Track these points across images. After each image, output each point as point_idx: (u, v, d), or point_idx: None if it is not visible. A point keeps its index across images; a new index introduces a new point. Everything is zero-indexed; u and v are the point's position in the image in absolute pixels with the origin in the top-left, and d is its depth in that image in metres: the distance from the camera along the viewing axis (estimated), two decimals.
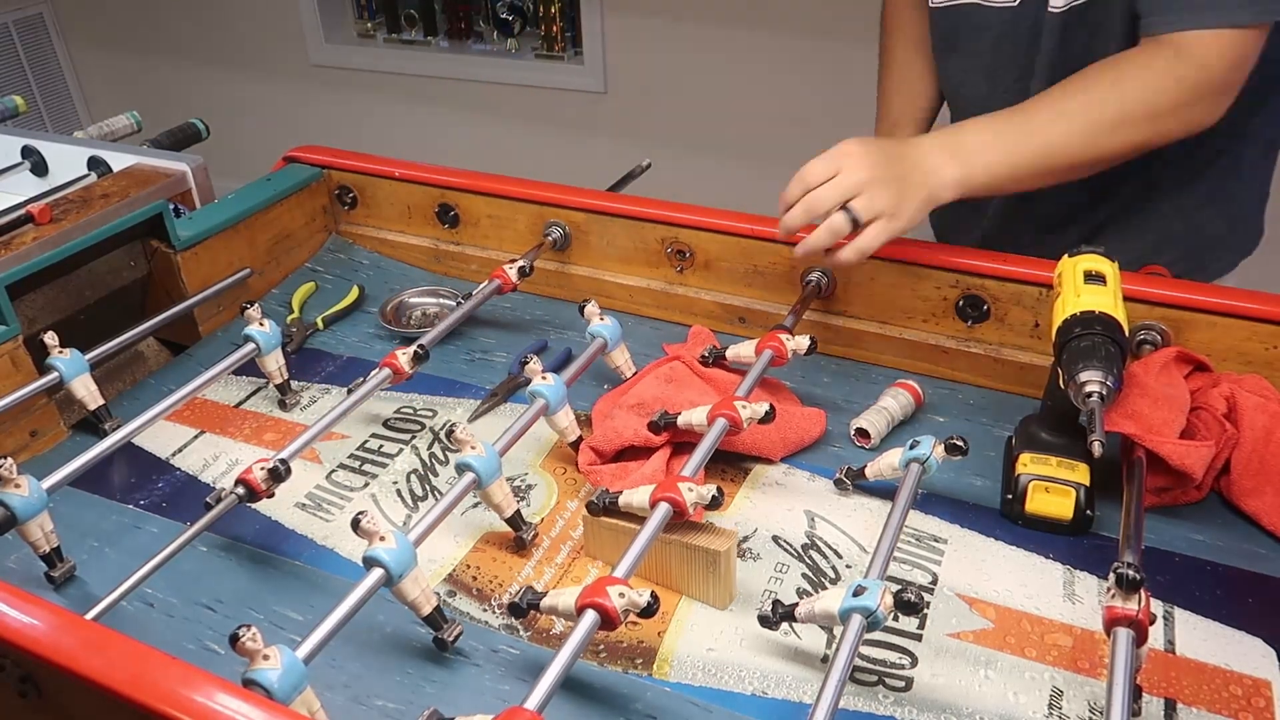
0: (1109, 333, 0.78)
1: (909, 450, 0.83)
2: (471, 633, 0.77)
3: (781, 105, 2.72)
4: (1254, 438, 0.85)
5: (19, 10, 3.49)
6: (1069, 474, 0.84)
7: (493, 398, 1.05)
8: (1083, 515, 0.83)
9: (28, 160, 1.41)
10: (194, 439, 1.01)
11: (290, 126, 3.47)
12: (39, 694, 0.66)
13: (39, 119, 3.59)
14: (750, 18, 2.64)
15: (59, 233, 1.05)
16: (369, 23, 3.29)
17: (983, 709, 0.70)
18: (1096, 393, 0.74)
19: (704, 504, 0.75)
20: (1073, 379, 0.76)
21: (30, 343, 0.98)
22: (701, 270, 1.15)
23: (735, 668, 0.74)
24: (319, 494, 0.93)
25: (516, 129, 3.15)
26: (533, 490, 0.93)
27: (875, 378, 1.06)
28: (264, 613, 0.80)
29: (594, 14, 2.83)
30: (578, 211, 1.18)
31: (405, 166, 1.28)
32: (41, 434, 1.00)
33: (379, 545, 0.70)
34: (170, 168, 1.24)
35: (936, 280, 1.03)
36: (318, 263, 1.32)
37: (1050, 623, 0.76)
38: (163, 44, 3.60)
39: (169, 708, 0.56)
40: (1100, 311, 0.79)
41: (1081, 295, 0.81)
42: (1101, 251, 0.86)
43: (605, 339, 1.01)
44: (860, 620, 0.66)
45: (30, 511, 0.78)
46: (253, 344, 1.01)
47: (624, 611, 0.66)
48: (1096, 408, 0.74)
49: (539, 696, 0.61)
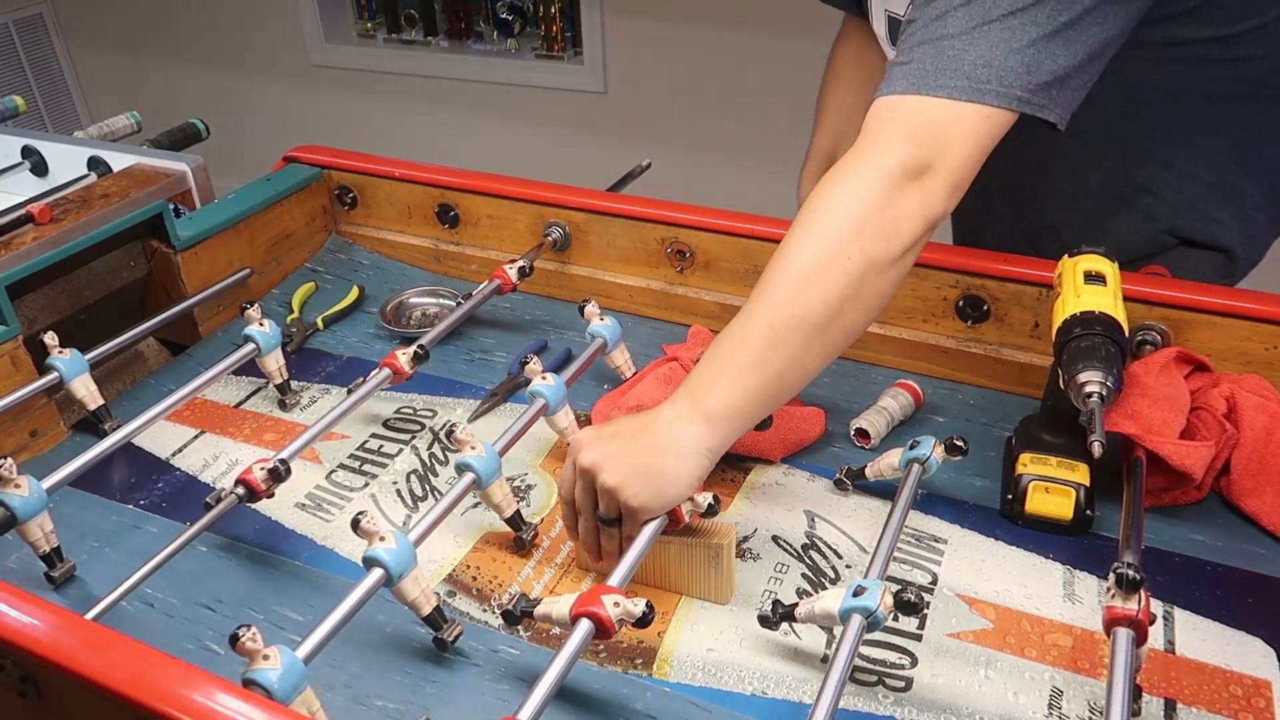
0: (1109, 333, 0.78)
1: (909, 450, 0.83)
2: (471, 633, 0.77)
3: (781, 105, 2.72)
4: (1254, 438, 0.85)
5: (19, 10, 3.49)
6: (1069, 474, 0.84)
7: (493, 398, 1.05)
8: (1083, 515, 0.83)
9: (28, 160, 1.41)
10: (194, 439, 1.01)
11: (290, 126, 3.47)
12: (39, 694, 0.66)
13: (39, 119, 3.59)
14: (750, 18, 2.64)
15: (59, 233, 1.05)
16: (369, 23, 3.28)
17: (983, 709, 0.70)
18: (1096, 393, 0.74)
19: (700, 512, 0.75)
20: (1073, 379, 0.76)
21: (30, 343, 0.98)
22: (702, 270, 1.15)
23: (735, 668, 0.74)
24: (319, 494, 0.93)
25: (516, 129, 3.15)
26: (532, 490, 0.93)
27: (875, 378, 1.06)
28: (264, 613, 0.80)
29: (594, 14, 2.83)
30: (578, 211, 1.18)
31: (405, 166, 1.28)
32: (41, 434, 1.00)
33: (379, 545, 0.70)
34: (170, 168, 1.24)
35: (936, 280, 1.03)
36: (318, 263, 1.32)
37: (1050, 623, 0.76)
38: (163, 44, 3.60)
39: (169, 708, 0.56)
40: (1100, 311, 0.79)
41: (1081, 295, 0.81)
42: (1102, 251, 0.86)
43: (605, 339, 1.01)
44: (860, 620, 0.66)
45: (30, 511, 0.78)
46: (253, 344, 1.01)
47: (619, 621, 0.66)
48: (1096, 408, 0.74)
49: (532, 708, 0.60)
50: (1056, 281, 0.87)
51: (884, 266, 0.75)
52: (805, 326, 0.74)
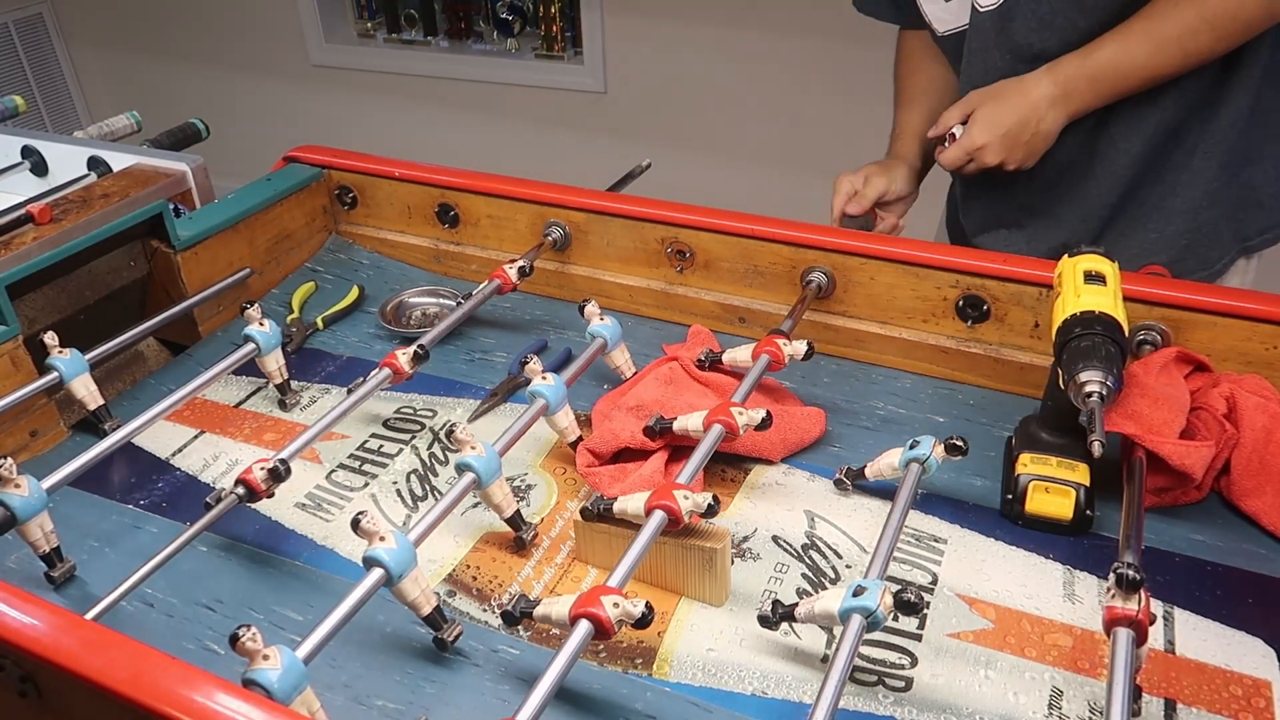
0: (1109, 333, 0.78)
1: (909, 450, 0.83)
2: (471, 633, 0.77)
3: (781, 105, 2.72)
4: (1254, 438, 0.85)
5: (19, 10, 3.49)
6: (1069, 474, 0.84)
7: (493, 398, 1.05)
8: (1083, 515, 0.83)
9: (28, 160, 1.41)
10: (194, 439, 1.01)
11: (290, 126, 3.47)
12: (39, 694, 0.66)
13: (39, 119, 3.59)
14: (750, 18, 2.64)
15: (59, 233, 1.05)
16: (369, 23, 3.29)
17: (983, 709, 0.70)
18: (1097, 393, 0.74)
19: (700, 512, 0.75)
20: (1073, 379, 0.76)
21: (30, 343, 0.98)
22: (701, 270, 1.15)
23: (735, 668, 0.74)
24: (319, 494, 0.93)
25: (516, 129, 3.15)
26: (532, 490, 0.93)
27: (875, 377, 1.06)
28: (264, 613, 0.80)
29: (594, 14, 2.83)
30: (578, 211, 1.18)
31: (405, 166, 1.28)
32: (41, 434, 1.00)
33: (379, 545, 0.70)
34: (170, 168, 1.24)
35: (937, 280, 1.03)
36: (317, 263, 1.32)
37: (1050, 623, 0.76)
38: (163, 44, 3.60)
39: (169, 708, 0.56)
40: (1100, 311, 0.79)
41: (1082, 295, 0.81)
42: (1101, 251, 0.86)
43: (605, 339, 1.01)
44: (860, 620, 0.66)
45: (30, 511, 0.78)
46: (252, 344, 1.01)
47: (618, 622, 0.66)
48: (1096, 408, 0.74)
49: (531, 708, 0.60)
50: (1056, 281, 0.87)
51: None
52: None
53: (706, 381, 1.00)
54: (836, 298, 1.08)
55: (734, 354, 0.99)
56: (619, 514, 0.78)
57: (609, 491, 0.86)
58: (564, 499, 0.91)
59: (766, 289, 1.12)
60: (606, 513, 0.79)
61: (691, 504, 0.75)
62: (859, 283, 1.06)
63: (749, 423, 0.84)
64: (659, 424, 0.89)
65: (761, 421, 0.84)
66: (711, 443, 0.84)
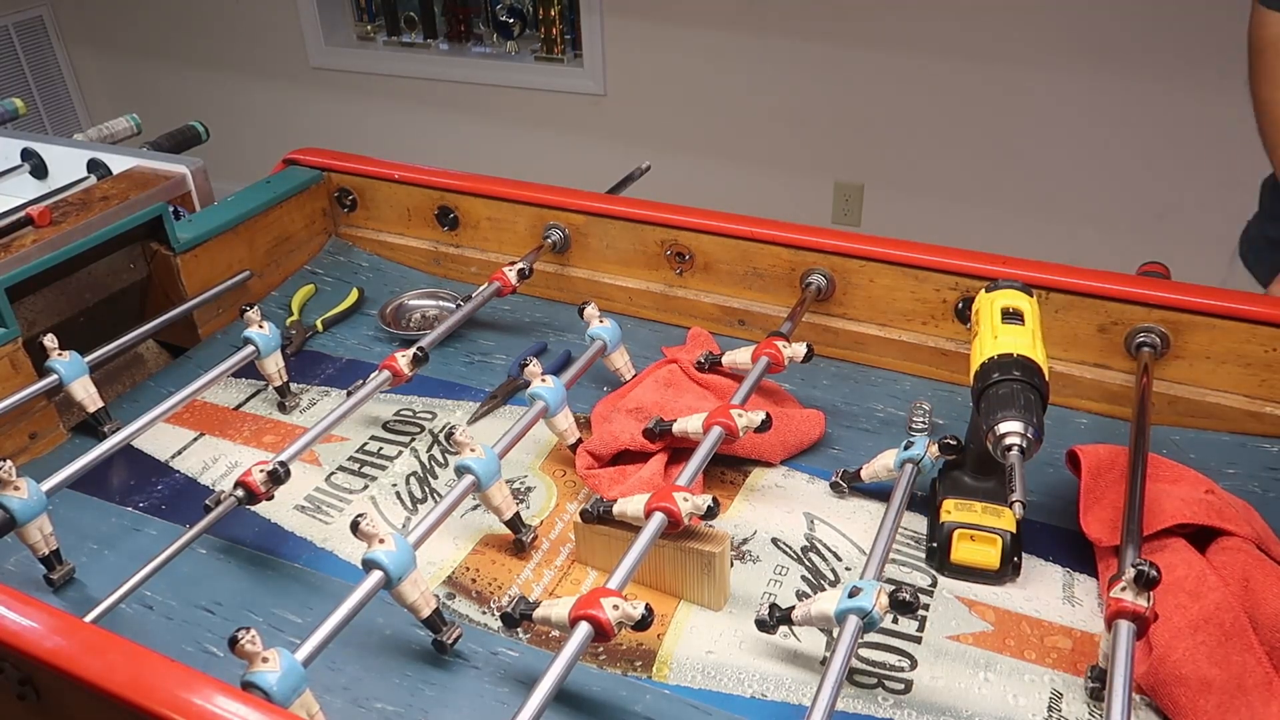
0: (1028, 377, 0.73)
1: (903, 451, 0.83)
2: (471, 635, 0.77)
3: (780, 108, 2.72)
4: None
5: (19, 13, 3.49)
6: (994, 520, 0.80)
7: (492, 400, 1.05)
8: (1010, 564, 0.79)
9: (27, 163, 1.41)
10: (193, 441, 1.01)
11: (290, 129, 3.48)
12: (38, 696, 0.65)
13: (39, 121, 3.59)
14: (748, 21, 2.64)
15: (59, 235, 1.05)
16: (369, 25, 3.29)
17: (982, 711, 0.70)
18: (1016, 445, 0.69)
19: (699, 514, 0.75)
20: (991, 430, 0.71)
21: (30, 345, 0.98)
22: (701, 272, 1.15)
23: (734, 670, 0.74)
24: (318, 496, 0.93)
25: (516, 131, 3.15)
26: (532, 493, 0.93)
27: (874, 379, 1.06)
28: (263, 615, 0.80)
29: (593, 17, 2.83)
30: (577, 214, 1.18)
31: (405, 169, 1.28)
32: (41, 436, 1.00)
33: (378, 548, 0.70)
34: (170, 170, 1.24)
35: (935, 283, 1.03)
36: (317, 265, 1.32)
37: (1050, 625, 0.76)
38: (162, 46, 3.61)
39: (168, 710, 0.56)
40: (1018, 355, 0.74)
41: (999, 336, 0.77)
42: (1019, 286, 0.82)
43: (605, 341, 1.02)
44: (856, 621, 0.66)
45: (29, 514, 0.78)
46: (252, 346, 1.01)
47: (618, 624, 0.66)
48: (1017, 462, 0.68)
49: (531, 710, 0.60)
50: (974, 318, 0.82)
51: None
52: None
53: (706, 384, 1.00)
54: (836, 300, 1.08)
55: (733, 356, 0.99)
56: (619, 516, 0.78)
57: (609, 494, 0.86)
58: (563, 501, 0.92)
59: (766, 291, 1.12)
60: (606, 515, 0.79)
61: (691, 506, 0.75)
62: (858, 285, 1.06)
63: (749, 425, 0.84)
64: (658, 426, 0.89)
65: (761, 424, 0.84)
66: (711, 445, 0.84)
